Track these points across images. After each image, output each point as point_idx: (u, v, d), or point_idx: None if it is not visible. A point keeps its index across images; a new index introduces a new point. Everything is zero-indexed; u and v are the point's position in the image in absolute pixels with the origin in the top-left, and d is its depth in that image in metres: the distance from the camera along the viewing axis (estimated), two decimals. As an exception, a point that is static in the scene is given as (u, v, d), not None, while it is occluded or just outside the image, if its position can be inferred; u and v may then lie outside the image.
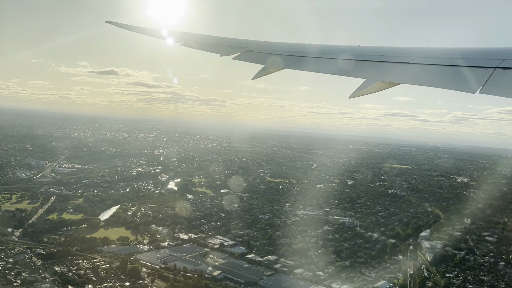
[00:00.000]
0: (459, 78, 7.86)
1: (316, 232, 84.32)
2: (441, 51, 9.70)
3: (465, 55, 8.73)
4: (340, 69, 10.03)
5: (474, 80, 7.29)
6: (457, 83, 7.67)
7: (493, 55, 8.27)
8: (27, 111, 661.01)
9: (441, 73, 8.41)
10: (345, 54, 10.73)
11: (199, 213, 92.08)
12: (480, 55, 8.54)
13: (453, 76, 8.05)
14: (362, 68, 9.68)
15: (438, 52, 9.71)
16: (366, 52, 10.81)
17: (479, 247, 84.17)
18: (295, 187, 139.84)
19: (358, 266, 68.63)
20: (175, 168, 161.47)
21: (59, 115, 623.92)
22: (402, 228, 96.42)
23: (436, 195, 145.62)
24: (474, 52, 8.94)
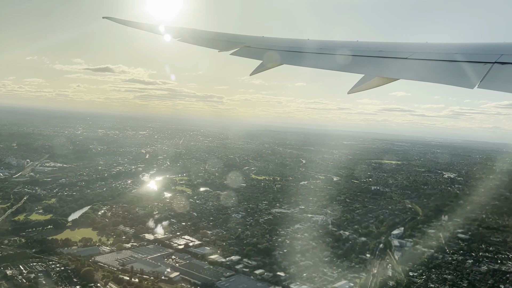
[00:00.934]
0: (457, 73, 7.89)
1: (286, 231, 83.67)
2: (440, 47, 9.80)
3: (464, 50, 8.83)
4: (338, 64, 10.01)
5: (472, 76, 7.33)
6: (456, 78, 7.71)
7: (492, 50, 8.35)
8: (23, 108, 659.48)
9: (439, 69, 8.43)
10: (344, 49, 10.75)
11: (170, 212, 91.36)
12: (479, 51, 8.60)
13: (452, 72, 8.07)
14: (360, 63, 9.69)
15: (437, 47, 9.77)
16: (365, 47, 10.83)
17: (450, 245, 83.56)
18: (277, 185, 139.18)
19: (322, 266, 67.97)
20: (158, 166, 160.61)
21: (55, 113, 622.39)
22: (377, 225, 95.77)
23: (419, 191, 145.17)
24: (473, 48, 9.04)
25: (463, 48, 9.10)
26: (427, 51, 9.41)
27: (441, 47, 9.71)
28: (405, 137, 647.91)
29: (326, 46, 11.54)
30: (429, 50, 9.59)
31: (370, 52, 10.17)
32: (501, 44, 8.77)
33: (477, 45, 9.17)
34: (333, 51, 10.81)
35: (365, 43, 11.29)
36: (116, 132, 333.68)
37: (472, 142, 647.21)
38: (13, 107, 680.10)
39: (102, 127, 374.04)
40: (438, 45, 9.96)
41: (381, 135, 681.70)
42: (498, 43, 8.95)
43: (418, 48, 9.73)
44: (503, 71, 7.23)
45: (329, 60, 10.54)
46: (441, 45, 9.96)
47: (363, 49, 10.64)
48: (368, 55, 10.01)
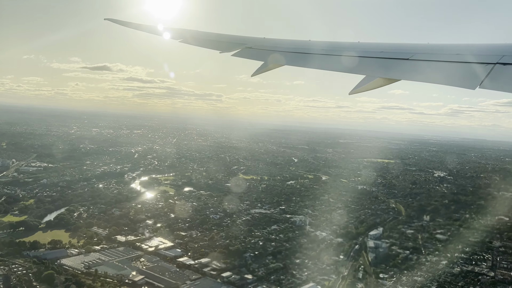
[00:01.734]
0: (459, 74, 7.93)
1: (262, 232, 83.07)
2: (441, 48, 9.77)
3: (465, 51, 8.84)
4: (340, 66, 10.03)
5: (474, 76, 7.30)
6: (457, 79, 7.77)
7: (493, 51, 8.30)
8: (21, 107, 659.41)
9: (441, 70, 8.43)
10: (345, 50, 10.85)
11: (147, 213, 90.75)
12: (480, 51, 8.58)
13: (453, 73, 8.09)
14: (362, 64, 9.69)
15: (438, 48, 9.76)
16: (366, 48, 10.84)
17: (426, 246, 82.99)
18: (262, 184, 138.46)
19: (292, 268, 67.38)
20: (146, 166, 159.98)
21: (53, 112, 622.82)
22: (356, 226, 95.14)
23: (406, 190, 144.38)
24: (474, 48, 9.04)
25: (465, 49, 9.12)
26: (429, 52, 9.44)
27: (442, 48, 9.69)
28: (403, 135, 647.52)
29: (328, 47, 11.62)
30: (430, 51, 9.61)
31: (372, 53, 10.17)
32: (503, 45, 8.75)
33: (479, 46, 9.19)
34: (335, 52, 10.86)
35: (367, 44, 11.34)
36: (111, 131, 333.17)
37: (470, 140, 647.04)
38: (12, 105, 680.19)
39: (97, 126, 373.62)
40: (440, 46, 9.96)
41: (380, 133, 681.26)
42: (499, 44, 8.94)
43: (420, 49, 9.74)
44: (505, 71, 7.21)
45: (330, 61, 10.57)
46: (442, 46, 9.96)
47: (364, 50, 10.63)
48: (370, 56, 10.00)
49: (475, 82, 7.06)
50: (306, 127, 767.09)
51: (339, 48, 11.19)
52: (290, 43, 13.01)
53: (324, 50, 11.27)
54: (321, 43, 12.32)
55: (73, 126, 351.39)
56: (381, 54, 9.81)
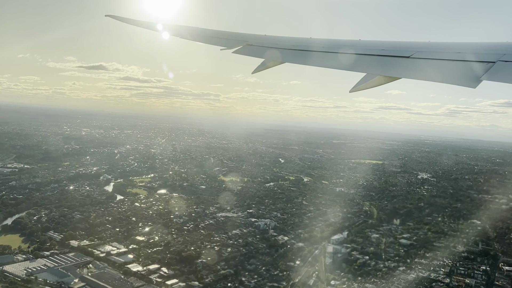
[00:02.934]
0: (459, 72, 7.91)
1: (221, 237, 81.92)
2: (442, 46, 9.81)
3: (465, 49, 8.83)
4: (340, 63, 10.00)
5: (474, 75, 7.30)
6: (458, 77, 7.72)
7: (494, 50, 8.33)
8: (16, 106, 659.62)
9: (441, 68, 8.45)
10: (346, 48, 10.74)
11: (109, 217, 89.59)
12: (481, 50, 8.61)
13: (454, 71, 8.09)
14: (362, 62, 9.69)
15: (439, 46, 9.79)
16: (367, 46, 10.80)
17: (388, 251, 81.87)
18: (238, 186, 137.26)
19: (242, 275, 66.24)
20: (124, 167, 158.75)
21: (48, 111, 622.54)
22: (322, 230, 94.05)
23: (384, 193, 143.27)
24: (475, 47, 9.06)
25: (465, 47, 9.10)
26: (429, 50, 9.40)
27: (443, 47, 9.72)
28: (399, 135, 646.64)
29: (328, 44, 11.54)
30: (431, 49, 9.56)
31: (372, 51, 10.11)
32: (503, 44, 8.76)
33: (479, 45, 9.19)
34: (335, 50, 10.80)
35: (367, 42, 11.28)
36: (101, 131, 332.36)
37: (467, 140, 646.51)
38: (8, 105, 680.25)
39: (90, 126, 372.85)
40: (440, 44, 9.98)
41: (376, 134, 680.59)
42: (499, 43, 8.95)
43: (420, 47, 9.70)
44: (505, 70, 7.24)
45: (331, 58, 10.52)
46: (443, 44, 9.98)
47: (365, 47, 10.59)
48: (371, 54, 9.96)
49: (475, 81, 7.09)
50: (303, 127, 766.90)
51: (340, 46, 11.17)
52: (290, 40, 12.88)
53: (325, 47, 11.23)
54: (322, 41, 12.26)
55: (63, 126, 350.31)
56: (382, 52, 9.78)
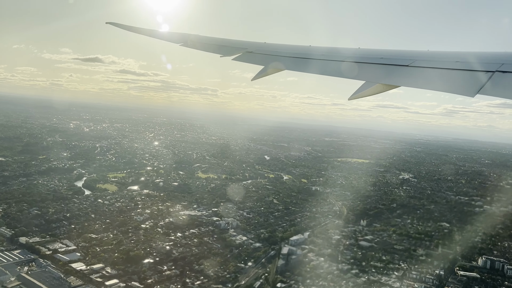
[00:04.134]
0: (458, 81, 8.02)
1: (177, 236, 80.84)
2: (441, 55, 9.82)
3: (464, 58, 8.86)
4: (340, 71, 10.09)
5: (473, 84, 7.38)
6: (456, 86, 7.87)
7: (492, 59, 8.38)
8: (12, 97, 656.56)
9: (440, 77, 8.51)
10: (345, 56, 10.89)
11: (67, 213, 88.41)
12: (479, 59, 8.64)
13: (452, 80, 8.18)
14: (361, 70, 9.77)
15: (438, 55, 9.81)
16: (366, 54, 10.92)
17: (345, 253, 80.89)
18: (211, 184, 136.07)
19: (188, 276, 65.18)
20: (101, 162, 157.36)
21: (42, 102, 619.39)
22: (285, 230, 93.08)
23: (360, 193, 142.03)
24: (473, 56, 9.04)
25: (464, 56, 9.12)
26: (428, 59, 9.49)
27: (442, 55, 9.75)
28: (395, 134, 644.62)
29: (328, 53, 11.69)
30: (430, 58, 9.66)
31: (372, 59, 10.23)
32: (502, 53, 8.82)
33: (478, 54, 9.19)
34: (335, 58, 10.93)
35: (366, 50, 11.41)
36: (90, 124, 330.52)
37: (462, 140, 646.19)
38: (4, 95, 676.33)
39: (80, 118, 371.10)
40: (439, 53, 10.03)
41: (371, 132, 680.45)
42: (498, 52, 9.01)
43: (419, 55, 9.77)
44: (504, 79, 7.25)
45: (330, 67, 10.64)
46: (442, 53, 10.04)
47: (364, 56, 10.72)
48: (370, 62, 10.07)
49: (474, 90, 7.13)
50: (299, 124, 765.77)
51: (339, 54, 11.26)
52: (290, 48, 13.04)
53: (324, 55, 11.37)
54: (321, 49, 12.43)
55: (53, 118, 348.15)
56: (381, 60, 9.87)
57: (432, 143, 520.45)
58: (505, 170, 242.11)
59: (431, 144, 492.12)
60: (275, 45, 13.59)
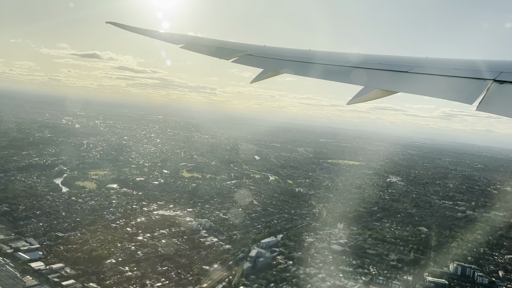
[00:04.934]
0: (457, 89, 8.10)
1: (145, 236, 79.79)
2: (440, 62, 9.88)
3: (463, 66, 8.90)
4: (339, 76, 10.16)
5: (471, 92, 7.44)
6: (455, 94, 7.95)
7: (491, 67, 8.42)
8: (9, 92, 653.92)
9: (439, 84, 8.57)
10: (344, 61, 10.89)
11: (37, 211, 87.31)
12: (478, 67, 8.70)
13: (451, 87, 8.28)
14: (361, 75, 9.83)
15: (437, 62, 9.87)
16: (365, 60, 10.97)
17: (315, 257, 79.89)
18: (192, 184, 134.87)
19: (149, 277, 64.15)
20: (84, 159, 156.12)
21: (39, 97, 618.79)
22: (259, 231, 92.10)
23: (343, 195, 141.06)
24: (472, 64, 9.07)
25: (463, 64, 9.15)
26: (428, 66, 9.54)
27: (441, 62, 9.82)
28: (391, 136, 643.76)
29: (327, 57, 11.75)
30: (429, 64, 9.71)
31: (371, 65, 10.28)
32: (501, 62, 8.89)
33: (477, 62, 9.22)
34: (334, 63, 10.98)
35: (366, 56, 11.44)
36: (83, 120, 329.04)
37: (459, 144, 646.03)
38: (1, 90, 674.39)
39: (73, 114, 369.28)
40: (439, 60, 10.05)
41: (368, 134, 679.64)
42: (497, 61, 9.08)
43: (418, 62, 9.82)
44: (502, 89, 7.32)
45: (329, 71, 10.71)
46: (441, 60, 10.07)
47: (363, 61, 10.77)
48: (369, 68, 10.12)
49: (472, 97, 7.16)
50: (297, 124, 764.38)
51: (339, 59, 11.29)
52: (289, 52, 13.11)
53: (324, 60, 11.45)
54: (321, 53, 12.49)
55: (46, 114, 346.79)
56: (381, 66, 9.94)
57: (428, 146, 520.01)
58: (496, 175, 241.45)
59: (427, 147, 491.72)
60: (274, 48, 13.74)
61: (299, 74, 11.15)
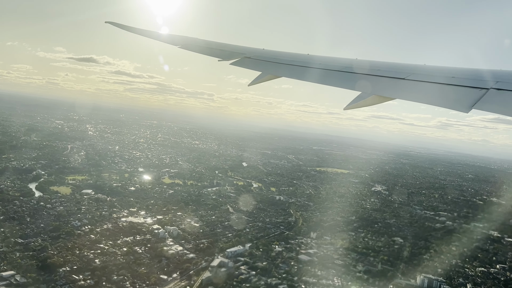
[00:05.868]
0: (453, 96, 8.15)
1: (107, 244, 78.09)
2: (437, 69, 9.98)
3: (460, 74, 9.01)
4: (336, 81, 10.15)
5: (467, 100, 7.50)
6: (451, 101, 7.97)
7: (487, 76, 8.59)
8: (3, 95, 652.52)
9: (436, 91, 8.66)
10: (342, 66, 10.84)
11: (1, 216, 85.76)
12: (474, 76, 8.83)
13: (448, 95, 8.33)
14: (358, 81, 9.86)
15: (434, 70, 9.96)
16: (363, 66, 10.95)
17: (280, 266, 78.42)
18: (170, 190, 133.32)
19: (102, 286, 62.54)
20: (65, 163, 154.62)
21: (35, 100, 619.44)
22: (229, 239, 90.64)
23: (324, 204, 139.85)
24: (469, 72, 9.18)
25: (460, 72, 9.15)
26: (424, 73, 9.56)
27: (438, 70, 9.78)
28: (387, 145, 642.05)
29: (325, 62, 11.72)
30: (426, 72, 9.71)
31: (368, 71, 10.27)
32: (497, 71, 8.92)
33: (473, 70, 9.27)
34: (332, 68, 10.95)
35: (363, 62, 11.57)
36: (74, 124, 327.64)
37: (454, 154, 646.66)
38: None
39: (65, 118, 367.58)
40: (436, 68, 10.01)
41: (363, 142, 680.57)
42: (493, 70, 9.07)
43: (416, 69, 9.83)
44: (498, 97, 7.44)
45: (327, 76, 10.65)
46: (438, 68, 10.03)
47: (361, 67, 10.75)
48: (366, 73, 10.12)
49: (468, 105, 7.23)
50: (293, 131, 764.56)
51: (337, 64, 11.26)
52: (288, 56, 13.17)
53: (322, 65, 11.44)
54: (319, 58, 12.48)
55: (38, 117, 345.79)
56: (378, 72, 9.94)
57: (423, 155, 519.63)
58: (485, 185, 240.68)
59: (421, 156, 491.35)
60: (273, 52, 13.70)
61: (297, 78, 11.13)
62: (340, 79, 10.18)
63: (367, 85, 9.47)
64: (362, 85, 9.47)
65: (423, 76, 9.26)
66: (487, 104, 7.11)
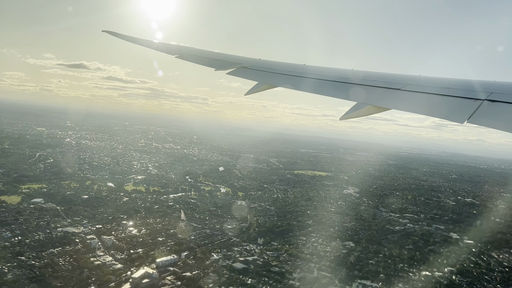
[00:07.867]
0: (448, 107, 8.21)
1: (29, 256, 75.19)
2: (432, 80, 10.19)
3: (455, 85, 9.11)
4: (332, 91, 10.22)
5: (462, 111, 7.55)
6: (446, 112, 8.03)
7: (482, 87, 8.65)
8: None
9: (431, 102, 8.72)
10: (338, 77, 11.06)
11: None
12: (470, 87, 8.91)
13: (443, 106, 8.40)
14: (354, 91, 9.98)
15: (430, 81, 10.14)
16: (359, 76, 11.15)
17: (210, 276, 75.46)
18: (124, 198, 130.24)
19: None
20: (26, 171, 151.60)
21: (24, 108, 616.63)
22: (167, 248, 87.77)
23: (286, 208, 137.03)
24: (464, 84, 9.28)
25: (455, 83, 9.29)
26: (419, 84, 9.67)
27: (433, 81, 10.00)
28: (380, 146, 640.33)
29: (321, 73, 11.79)
30: (421, 83, 9.85)
31: (364, 81, 10.41)
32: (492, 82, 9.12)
33: (468, 82, 9.38)
34: (328, 78, 11.08)
35: (359, 72, 11.67)
36: (55, 131, 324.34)
37: (447, 154, 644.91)
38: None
39: (50, 125, 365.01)
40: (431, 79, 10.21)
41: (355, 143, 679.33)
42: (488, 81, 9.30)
43: (411, 80, 9.97)
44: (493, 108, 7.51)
45: (323, 86, 10.75)
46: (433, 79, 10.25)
47: (357, 78, 10.91)
48: (362, 84, 10.25)
49: (463, 117, 7.28)
50: (287, 134, 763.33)
51: (332, 75, 11.32)
52: (284, 66, 13.13)
53: (318, 75, 11.48)
54: (315, 68, 12.55)
55: (20, 124, 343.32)
56: (373, 83, 10.08)
57: (413, 156, 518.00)
58: (466, 185, 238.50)
59: (411, 157, 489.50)
60: (269, 62, 13.72)
61: (293, 88, 11.12)
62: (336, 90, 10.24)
63: (363, 96, 9.55)
64: (357, 96, 9.55)
65: (418, 87, 9.32)
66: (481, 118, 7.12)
